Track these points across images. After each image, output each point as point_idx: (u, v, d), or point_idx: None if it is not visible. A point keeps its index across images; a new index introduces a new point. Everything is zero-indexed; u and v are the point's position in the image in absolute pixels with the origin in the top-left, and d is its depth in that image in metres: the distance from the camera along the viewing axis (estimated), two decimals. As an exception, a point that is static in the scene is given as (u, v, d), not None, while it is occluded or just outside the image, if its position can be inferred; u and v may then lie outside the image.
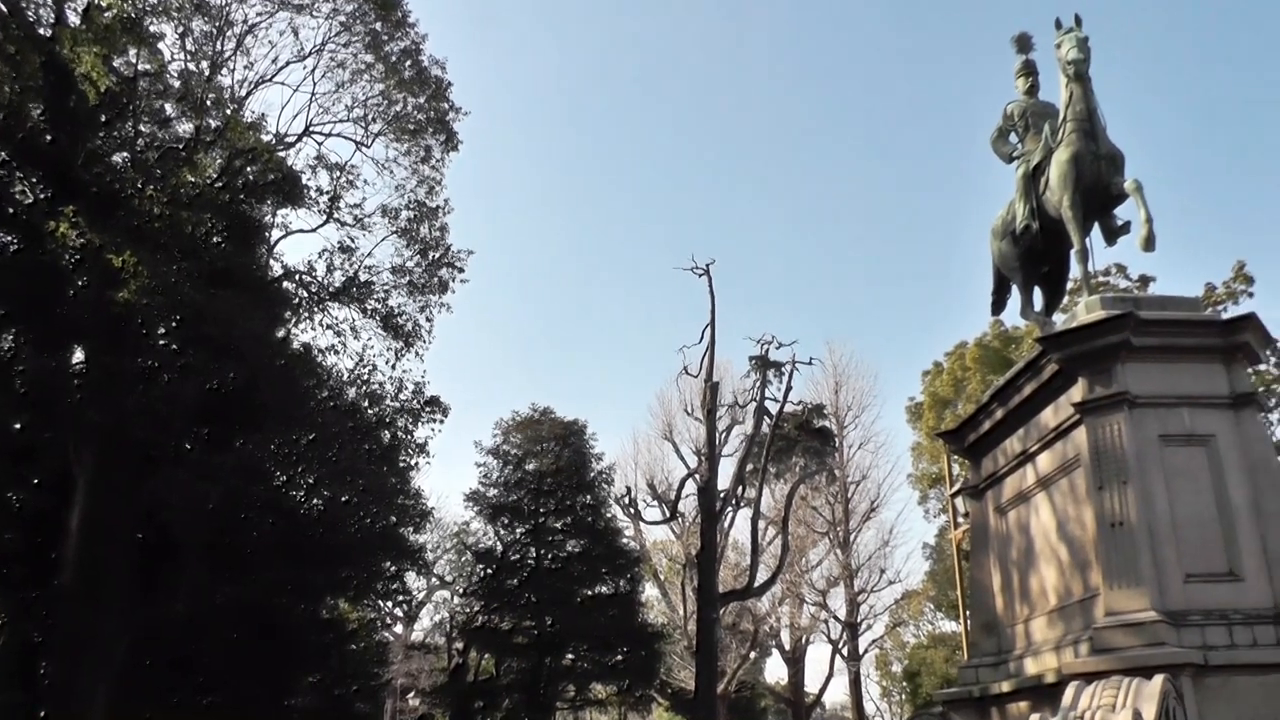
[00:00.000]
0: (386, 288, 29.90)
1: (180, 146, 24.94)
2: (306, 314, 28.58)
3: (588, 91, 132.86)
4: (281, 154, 28.18)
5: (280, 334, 27.55)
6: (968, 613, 22.28)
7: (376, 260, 30.35)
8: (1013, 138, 15.60)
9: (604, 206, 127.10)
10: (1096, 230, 14.02)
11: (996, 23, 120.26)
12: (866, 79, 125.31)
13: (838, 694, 68.41)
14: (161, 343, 24.58)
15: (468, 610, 41.82)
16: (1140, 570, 10.78)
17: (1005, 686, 12.87)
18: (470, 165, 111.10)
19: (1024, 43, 15.60)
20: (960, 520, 27.24)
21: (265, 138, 27.49)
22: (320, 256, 29.43)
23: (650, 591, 52.95)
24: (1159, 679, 9.22)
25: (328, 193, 29.28)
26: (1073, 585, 12.25)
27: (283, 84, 29.23)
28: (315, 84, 29.33)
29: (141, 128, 25.01)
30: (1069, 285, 17.39)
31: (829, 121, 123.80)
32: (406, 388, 30.17)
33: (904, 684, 63.21)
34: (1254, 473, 11.51)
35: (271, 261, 28.81)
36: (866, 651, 58.32)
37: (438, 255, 30.79)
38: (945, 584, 50.00)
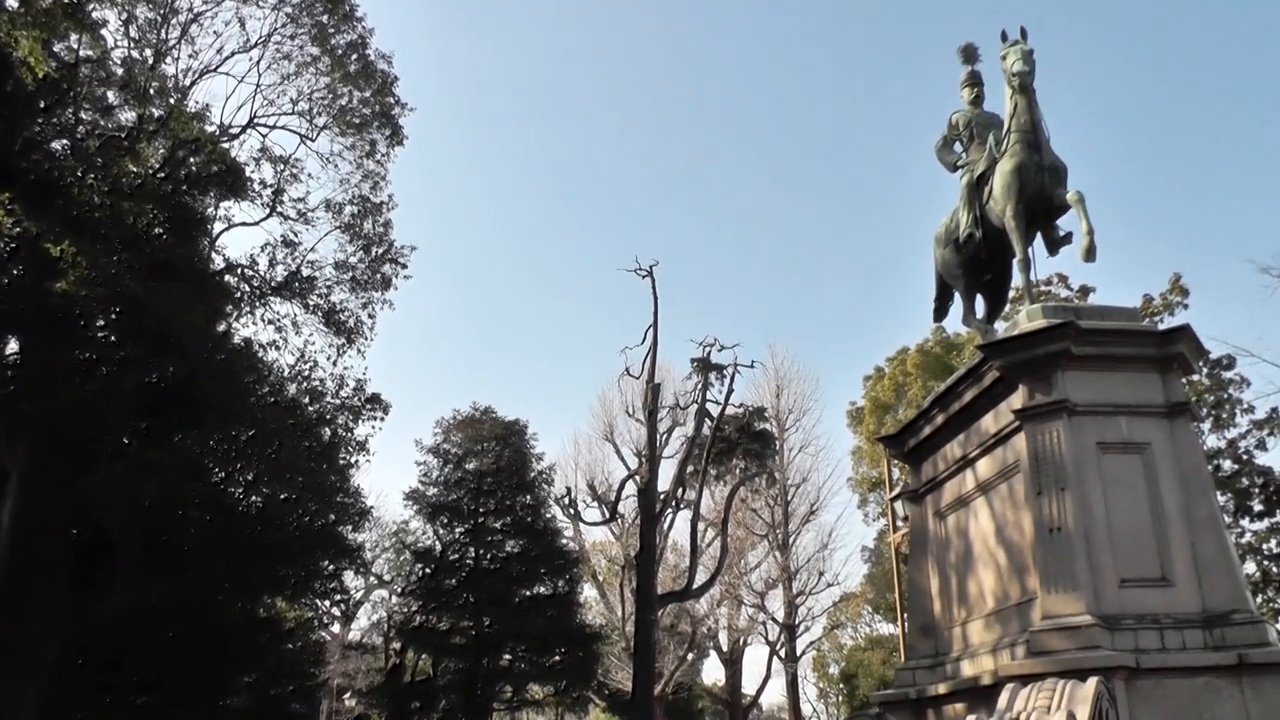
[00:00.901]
0: (329, 283, 29.69)
1: (122, 135, 24.58)
2: (248, 308, 28.30)
3: (533, 92, 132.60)
4: (225, 145, 27.91)
5: (221, 328, 27.18)
6: (905, 615, 22.53)
7: (319, 255, 30.13)
8: (957, 147, 15.76)
9: (549, 206, 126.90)
10: (1039, 240, 14.27)
11: (942, 30, 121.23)
12: (810, 83, 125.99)
13: (775, 695, 68.60)
14: (100, 335, 24.17)
15: (406, 610, 41.52)
16: (1077, 575, 10.95)
17: (942, 688, 13.00)
18: (415, 162, 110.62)
19: (970, 54, 15.78)
20: (899, 524, 27.50)
21: (209, 128, 27.20)
22: (263, 250, 29.13)
23: (589, 592, 53.00)
24: (1093, 681, 9.39)
25: (271, 186, 29.04)
26: (1010, 589, 12.40)
27: (228, 74, 28.97)
28: (260, 75, 29.08)
29: (83, 115, 24.59)
30: (1011, 294, 17.59)
31: (774, 126, 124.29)
32: (348, 384, 29.97)
33: (841, 686, 63.66)
34: (1186, 480, 11.73)
35: (213, 254, 28.43)
36: (804, 653, 58.68)
37: (381, 251, 30.62)
38: (884, 587, 50.41)
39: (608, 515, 44.82)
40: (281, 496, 28.37)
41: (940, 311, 17.07)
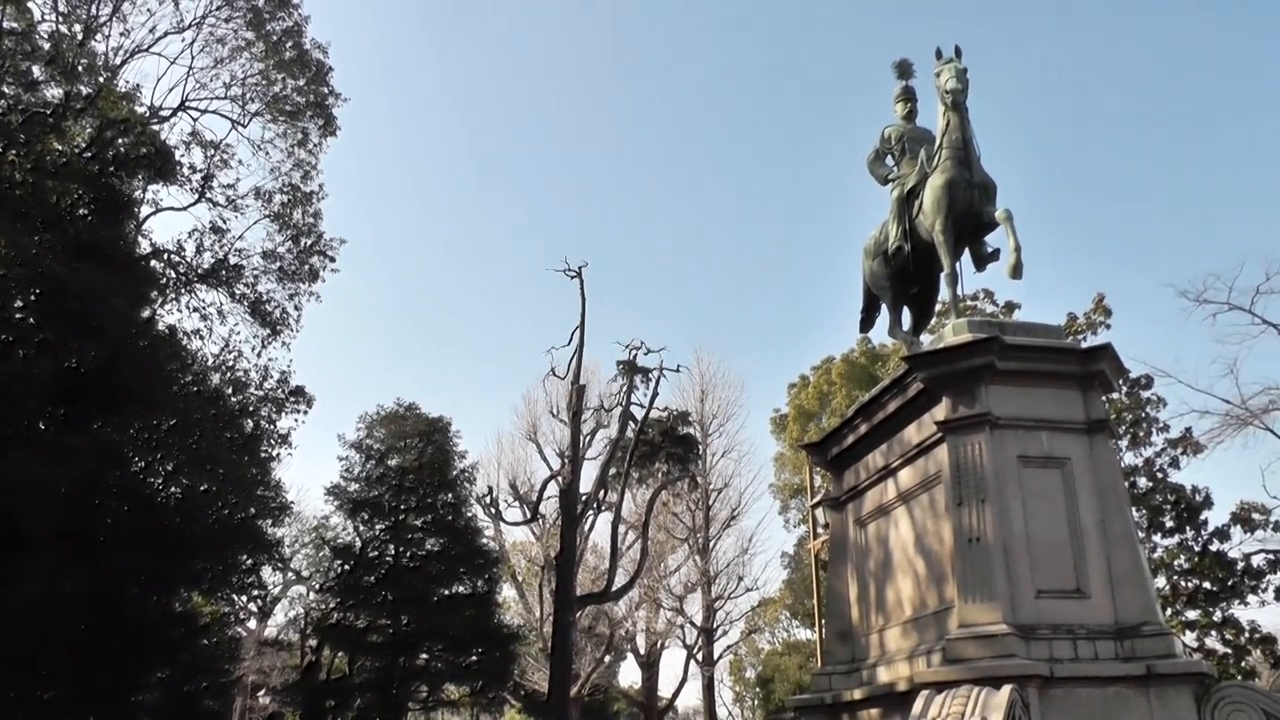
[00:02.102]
0: (256, 272, 29.43)
1: (48, 112, 24.12)
2: (173, 295, 27.95)
3: (468, 88, 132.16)
4: (155, 127, 27.55)
5: (145, 314, 26.75)
6: (823, 621, 22.70)
7: (247, 244, 29.89)
8: (889, 160, 15.86)
9: (480, 204, 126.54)
10: (966, 255, 14.43)
11: (876, 45, 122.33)
12: (746, 91, 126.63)
13: (691, 698, 68.78)
14: (18, 316, 23.62)
15: (323, 607, 40.95)
16: (994, 585, 11.10)
17: (858, 694, 13.09)
18: (347, 154, 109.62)
19: (905, 69, 15.91)
20: (820, 531, 27.72)
21: (139, 109, 26.83)
22: (190, 236, 28.85)
23: (508, 592, 52.80)
24: (1007, 689, 9.55)
25: (201, 171, 28.72)
26: (928, 597, 12.53)
27: (159, 55, 28.66)
28: (193, 58, 28.78)
29: (4, 89, 24.10)
30: (937, 307, 17.78)
31: (709, 132, 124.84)
32: (271, 376, 29.73)
33: (757, 690, 63.94)
34: (1103, 496, 11.91)
35: (139, 238, 28.01)
36: (721, 657, 58.92)
37: (310, 242, 30.39)
38: (802, 592, 50.68)
39: (529, 515, 44.77)
40: (201, 488, 27.96)
41: (867, 322, 17.17)
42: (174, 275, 28.13)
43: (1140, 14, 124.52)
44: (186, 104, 28.87)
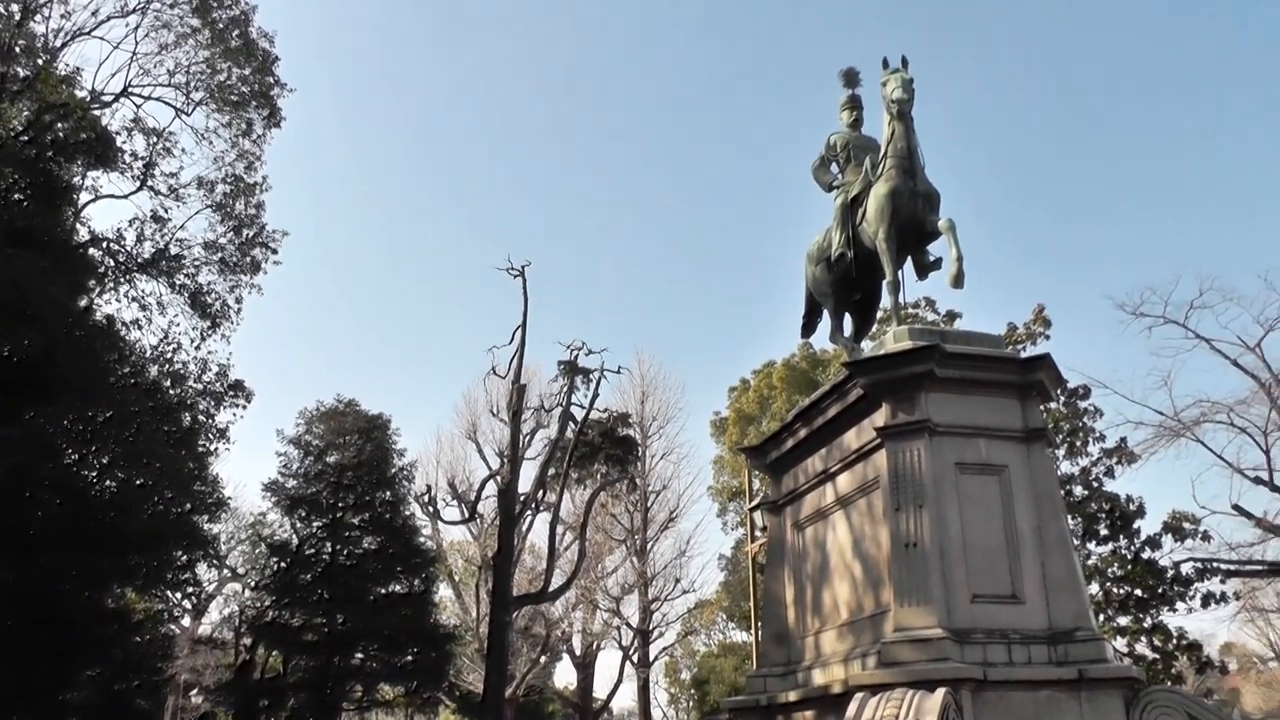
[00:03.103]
0: (197, 263, 29.07)
1: (-19, 94, 23.83)
2: (112, 284, 27.54)
3: (416, 84, 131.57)
4: (96, 113, 27.17)
5: (83, 303, 26.34)
6: (759, 623, 22.78)
7: (189, 234, 29.50)
8: (834, 168, 15.91)
9: (424, 201, 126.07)
10: (909, 264, 14.53)
11: (821, 53, 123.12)
12: (692, 95, 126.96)
13: (626, 700, 68.90)
14: (-52, 302, 23.38)
15: (259, 605, 40.52)
16: (930, 589, 11.20)
17: (793, 696, 13.13)
18: (292, 145, 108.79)
19: (851, 78, 16.01)
20: (758, 534, 27.75)
21: (79, 94, 26.45)
22: (130, 225, 28.40)
23: (444, 592, 52.50)
24: (941, 692, 9.66)
25: (143, 158, 28.34)
26: (865, 601, 12.61)
27: (102, 39, 28.24)
28: (137, 43, 28.37)
29: (-64, 68, 23.81)
30: (879, 314, 17.87)
31: (654, 137, 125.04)
32: (211, 369, 29.36)
33: (692, 691, 64.08)
34: (1039, 503, 12.05)
35: (78, 225, 27.55)
36: (657, 659, 59.01)
37: (252, 234, 30.09)
38: (739, 595, 50.88)
39: (467, 515, 44.64)
40: (137, 482, 27.55)
41: (808, 328, 17.22)
42: (113, 264, 27.71)
43: (1082, 30, 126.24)
44: (129, 90, 28.49)
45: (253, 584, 43.14)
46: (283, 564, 38.60)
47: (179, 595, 34.75)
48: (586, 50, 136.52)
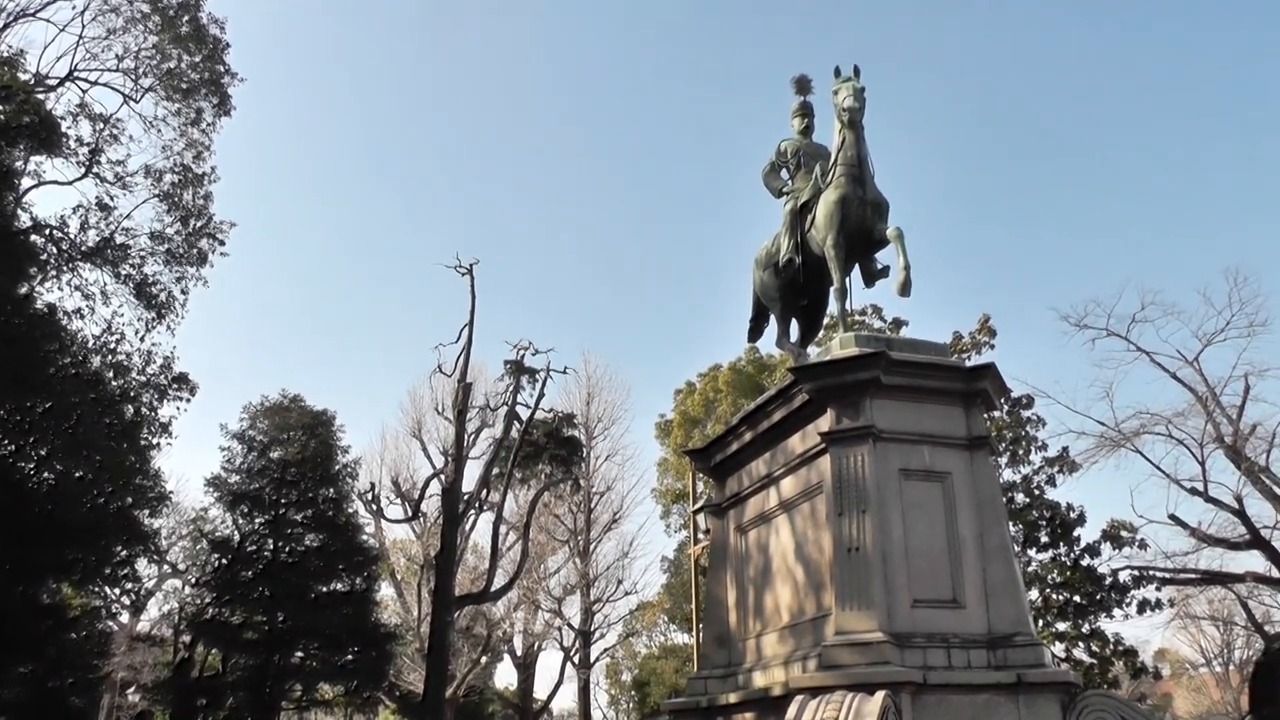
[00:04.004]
0: (143, 253, 28.62)
1: (-82, 74, 23.40)
2: (54, 272, 27.07)
3: (367, 78, 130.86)
4: (40, 96, 26.75)
5: (22, 290, 25.85)
6: (701, 626, 22.84)
7: (135, 223, 29.02)
8: (784, 174, 15.96)
9: (373, 196, 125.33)
10: (857, 271, 14.59)
11: (772, 60, 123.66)
12: (641, 101, 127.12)
13: (566, 701, 68.80)
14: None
15: (199, 602, 39.94)
16: (872, 593, 11.29)
17: (733, 698, 13.17)
18: (242, 136, 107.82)
19: (803, 85, 16.07)
20: (701, 536, 27.86)
21: (23, 76, 26.06)
22: (74, 212, 27.90)
23: (386, 591, 52.14)
24: (880, 695, 9.77)
25: (89, 145, 27.89)
26: (806, 604, 12.68)
27: (48, 21, 27.80)
28: (84, 26, 27.93)
29: None
30: (826, 320, 17.98)
31: (604, 138, 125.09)
32: (155, 361, 28.93)
33: (633, 693, 64.16)
34: (981, 510, 12.18)
35: (19, 211, 27.02)
36: (598, 660, 59.10)
37: (199, 225, 29.70)
38: (681, 597, 50.96)
39: (410, 513, 44.47)
40: (76, 475, 27.09)
41: (755, 332, 17.29)
42: (55, 252, 27.26)
43: (1032, 44, 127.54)
44: (75, 74, 28.05)
45: (193, 580, 42.54)
46: (224, 560, 38.12)
47: (117, 591, 34.10)
48: (538, 51, 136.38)
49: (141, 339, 28.67)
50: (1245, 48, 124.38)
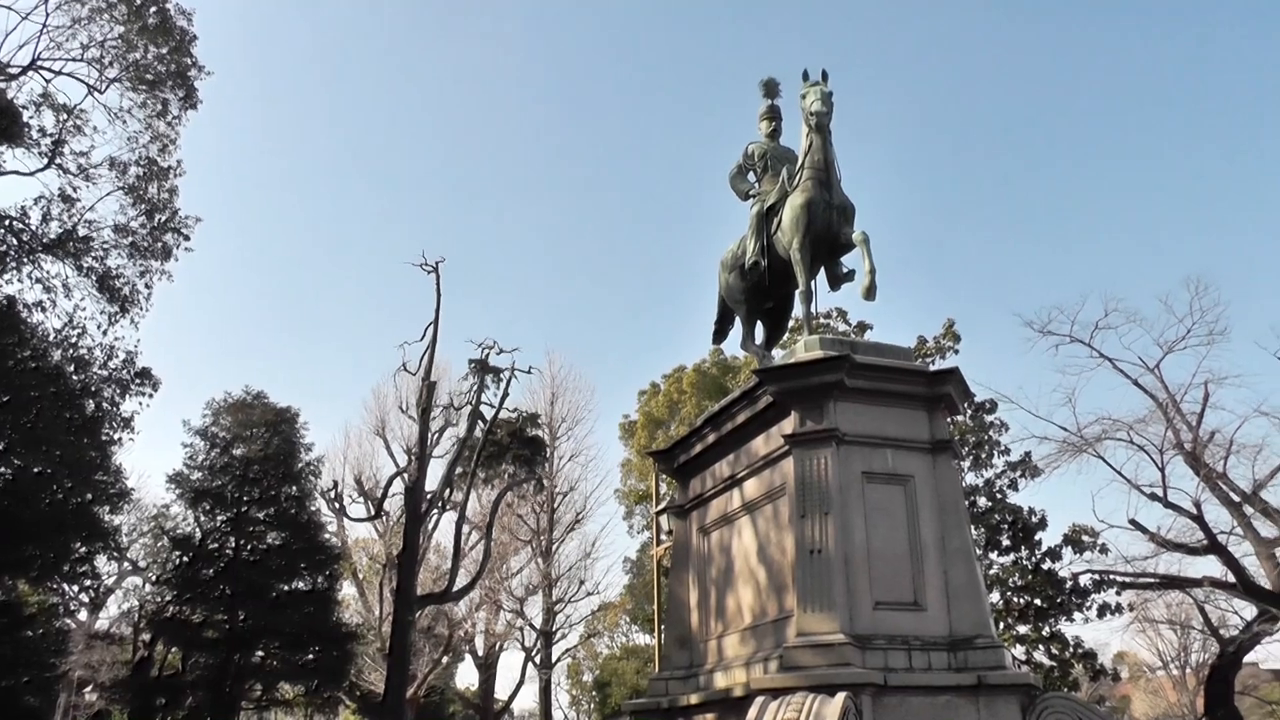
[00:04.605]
0: (106, 246, 28.26)
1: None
2: (14, 264, 26.69)
3: (336, 75, 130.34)
4: (1, 85, 26.52)
5: (-19, 282, 25.76)
6: (663, 626, 22.89)
7: (98, 215, 28.64)
8: (751, 177, 16.01)
9: (340, 193, 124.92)
10: (822, 275, 14.64)
11: (743, 59, 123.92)
12: (608, 101, 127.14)
13: (527, 701, 68.75)
14: None
15: (159, 600, 39.61)
16: (833, 595, 11.32)
17: (694, 699, 13.19)
18: (208, 130, 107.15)
19: (771, 88, 16.13)
20: (663, 537, 27.89)
21: (-17, 64, 25.83)
22: (36, 203, 27.52)
23: (348, 590, 52.01)
24: (841, 696, 9.80)
25: (52, 135, 27.55)
26: (768, 606, 12.72)
27: (9, 8, 27.39)
28: (48, 14, 27.56)
29: None
30: (791, 323, 18.04)
31: (573, 139, 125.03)
32: (117, 356, 28.59)
33: (594, 693, 64.15)
34: (943, 513, 12.25)
35: (-22, 202, 26.88)
36: (559, 660, 58.96)
37: (164, 218, 29.38)
38: (643, 598, 50.98)
39: (373, 512, 44.31)
40: (34, 470, 26.83)
41: (720, 334, 17.34)
42: (16, 243, 26.88)
43: (999, 50, 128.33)
44: (38, 63, 27.66)
45: (153, 578, 42.12)
46: (185, 558, 37.87)
47: (75, 588, 33.84)
48: (506, 48, 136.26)
49: (104, 333, 28.38)
50: (1210, 56, 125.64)
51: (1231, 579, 30.88)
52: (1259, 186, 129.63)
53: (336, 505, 42.75)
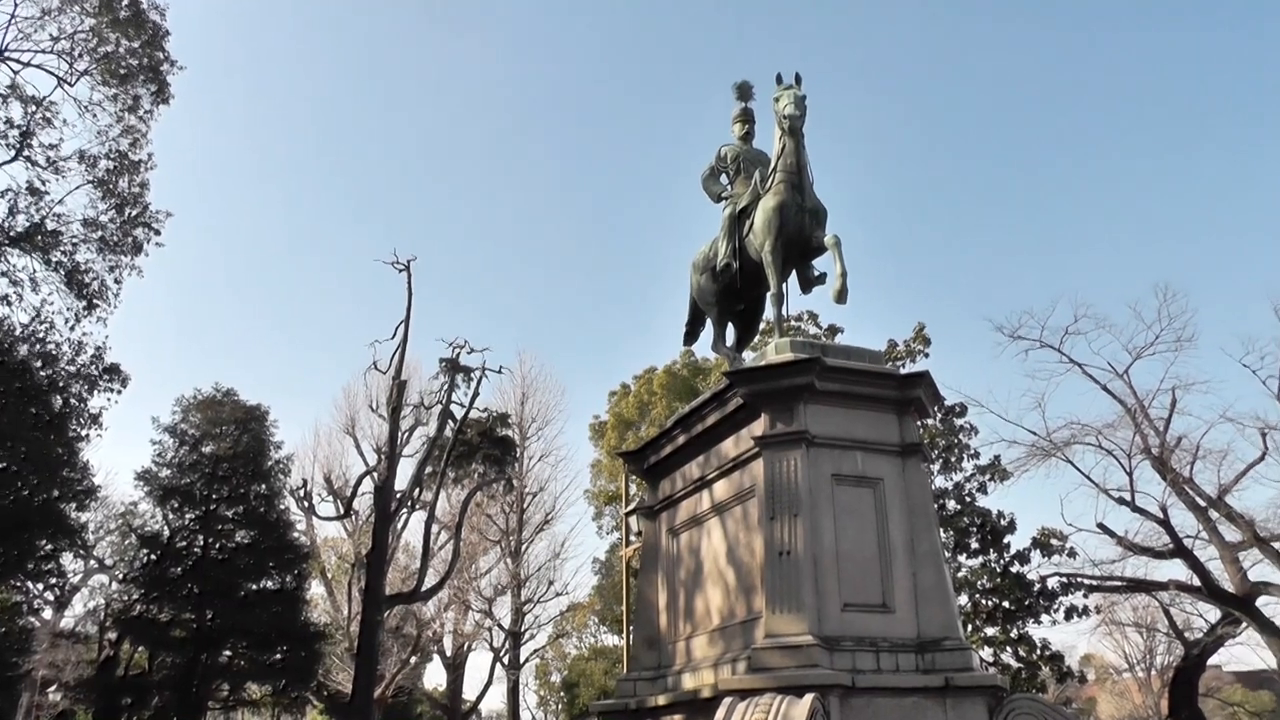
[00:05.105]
0: (75, 240, 28.00)
1: None
2: (-20, 257, 26.63)
3: (308, 75, 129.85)
4: (-33, 75, 26.29)
5: (-55, 276, 25.51)
6: (631, 627, 22.86)
7: (67, 209, 28.35)
8: (724, 179, 16.04)
9: (313, 191, 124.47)
10: (793, 277, 14.70)
11: (714, 66, 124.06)
12: (580, 102, 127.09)
13: (495, 702, 68.65)
14: None
15: (126, 598, 39.25)
16: (802, 597, 11.33)
17: (662, 699, 13.18)
18: (180, 125, 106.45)
19: (745, 91, 16.16)
20: (633, 538, 27.82)
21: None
22: (3, 196, 27.25)
23: (316, 590, 51.79)
24: (809, 698, 9.82)
25: (20, 127, 27.29)
26: (737, 607, 12.73)
27: (-26, -1, 27.25)
28: (16, 4, 27.33)
29: None
30: (762, 326, 18.06)
31: (544, 141, 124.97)
32: (85, 351, 28.36)
33: (562, 694, 64.07)
34: (912, 515, 12.28)
35: (-56, 193, 26.61)
36: (527, 661, 58.95)
37: (135, 213, 29.13)
38: (612, 599, 50.96)
39: (342, 511, 44.22)
40: (0, 466, 26.73)
41: (691, 336, 17.33)
42: (-19, 236, 26.75)
43: (970, 55, 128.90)
44: (6, 54, 27.36)
45: (120, 576, 41.75)
46: (153, 556, 37.57)
47: (40, 586, 33.50)
48: (475, 47, 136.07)
49: (72, 328, 28.15)
50: (1178, 62, 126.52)
51: (1197, 583, 31.10)
52: (1227, 194, 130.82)
53: (306, 504, 42.65)
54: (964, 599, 31.75)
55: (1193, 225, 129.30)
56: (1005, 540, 32.50)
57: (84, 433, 29.05)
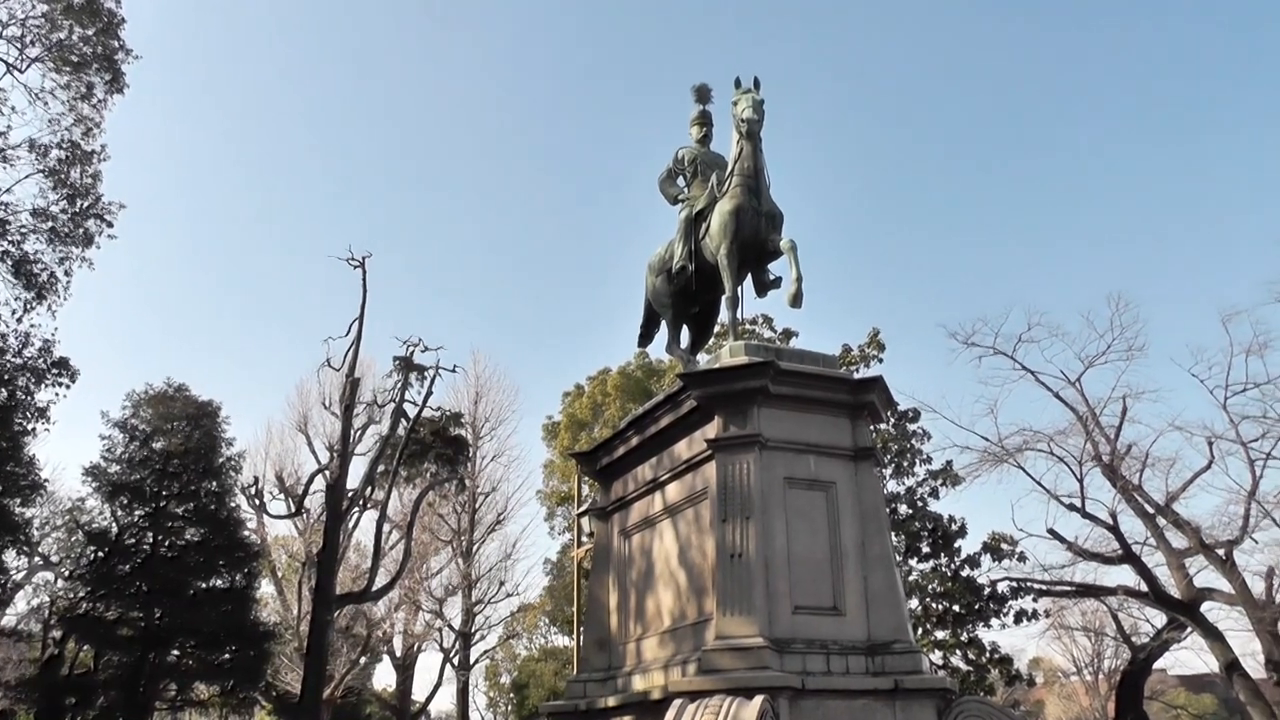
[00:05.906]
0: (24, 230, 27.61)
1: None
2: (-78, 246, 26.24)
3: (265, 69, 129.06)
4: (-88, 60, 25.92)
5: (-112, 265, 25.12)
6: (582, 629, 22.87)
7: (16, 199, 27.95)
8: (680, 181, 16.09)
9: (267, 188, 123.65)
10: (749, 281, 14.80)
11: (673, 69, 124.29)
12: (539, 102, 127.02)
13: (445, 703, 68.35)
14: None
15: (71, 596, 38.70)
16: (753, 599, 11.37)
17: (612, 701, 13.19)
18: (135, 116, 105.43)
19: (703, 94, 16.23)
20: (584, 539, 27.86)
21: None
22: (-52, 185, 27.11)
23: (266, 589, 51.33)
24: (758, 699, 9.85)
25: (-36, 113, 27.08)
26: (688, 609, 12.76)
27: (-79, -20, 26.85)
28: None
29: None
30: (716, 328, 18.08)
31: (503, 141, 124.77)
32: (33, 344, 27.98)
33: (512, 695, 63.96)
34: (865, 520, 12.36)
35: (-113, 181, 26.21)
36: (477, 662, 58.79)
37: (87, 204, 28.76)
38: (563, 600, 50.89)
39: (293, 509, 43.89)
40: (-60, 462, 26.37)
41: (646, 337, 17.37)
42: (-74, 225, 26.37)
43: (934, 57, 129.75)
44: (-49, 39, 27.12)
45: (66, 573, 41.21)
46: (100, 553, 37.03)
47: (-20, 582, 33.12)
48: (436, 43, 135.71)
49: (19, 320, 27.77)
50: (1135, 71, 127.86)
51: (1144, 588, 31.40)
52: (1180, 205, 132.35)
53: (257, 502, 42.25)
54: (915, 603, 31.97)
55: (1146, 235, 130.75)
56: (956, 545, 32.76)
57: (30, 427, 28.68)
